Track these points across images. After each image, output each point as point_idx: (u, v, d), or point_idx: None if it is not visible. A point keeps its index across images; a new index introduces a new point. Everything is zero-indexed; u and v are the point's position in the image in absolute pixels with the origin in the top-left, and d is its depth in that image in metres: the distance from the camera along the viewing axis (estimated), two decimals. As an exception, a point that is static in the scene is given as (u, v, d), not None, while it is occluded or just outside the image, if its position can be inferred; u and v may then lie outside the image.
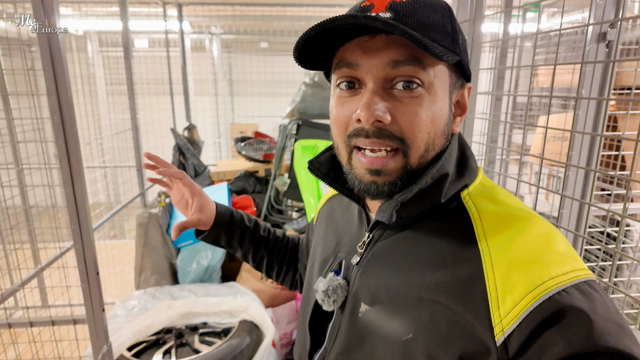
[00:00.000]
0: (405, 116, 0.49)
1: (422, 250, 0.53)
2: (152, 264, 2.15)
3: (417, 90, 0.49)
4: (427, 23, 0.48)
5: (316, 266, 0.70)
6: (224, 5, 3.12)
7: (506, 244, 0.47)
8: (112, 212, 2.15)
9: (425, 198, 0.53)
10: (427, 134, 0.50)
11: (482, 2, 0.89)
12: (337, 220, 0.71)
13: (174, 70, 3.16)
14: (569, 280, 0.43)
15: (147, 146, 3.94)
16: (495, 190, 0.57)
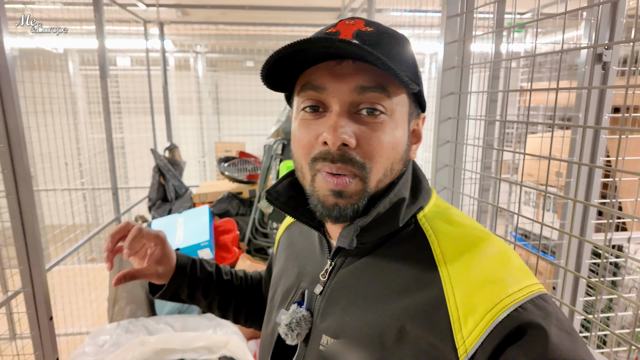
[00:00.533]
0: (369, 141, 0.51)
1: (384, 276, 0.53)
2: (127, 293, 2.02)
3: (380, 116, 0.51)
4: (391, 54, 0.51)
5: (277, 298, 0.68)
6: (208, 25, 3.07)
7: (464, 265, 0.48)
8: (85, 237, 2.03)
9: (384, 223, 0.54)
10: (387, 159, 0.52)
11: (472, 22, 0.84)
12: (298, 249, 0.70)
13: (156, 89, 3.08)
14: (524, 296, 0.45)
15: (129, 167, 3.83)
16: (449, 210, 0.58)
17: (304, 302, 0.61)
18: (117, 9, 2.50)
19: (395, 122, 0.52)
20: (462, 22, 0.85)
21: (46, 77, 2.64)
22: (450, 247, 0.51)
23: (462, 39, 0.84)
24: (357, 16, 0.58)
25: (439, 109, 0.87)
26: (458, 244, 0.51)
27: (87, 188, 2.96)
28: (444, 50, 0.86)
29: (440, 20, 0.86)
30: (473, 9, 0.84)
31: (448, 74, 0.85)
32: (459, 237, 0.52)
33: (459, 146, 0.89)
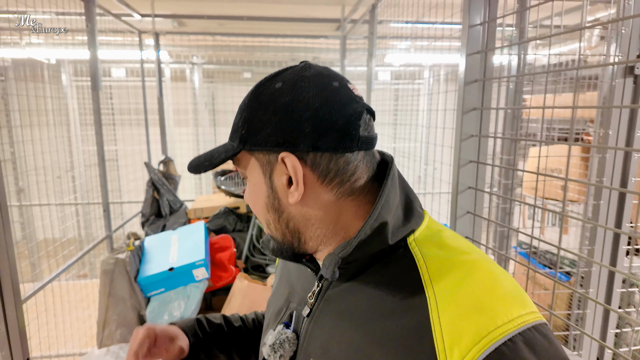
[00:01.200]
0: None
1: (371, 299, 0.53)
2: (117, 316, 1.91)
3: (245, 179, 0.62)
4: (232, 129, 0.61)
5: (270, 318, 0.69)
6: (204, 35, 3.01)
7: (452, 291, 0.47)
8: (74, 258, 1.93)
9: (368, 247, 0.54)
10: (255, 211, 0.62)
11: (494, 32, 0.78)
12: (291, 269, 0.71)
13: (151, 100, 3.00)
14: (515, 328, 0.43)
15: (123, 180, 3.73)
16: (441, 233, 0.57)
17: (292, 324, 0.62)
18: (112, 19, 2.44)
19: (250, 181, 0.60)
20: (485, 33, 0.79)
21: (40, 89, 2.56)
22: (439, 271, 0.50)
23: (485, 49, 0.78)
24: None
25: (460, 125, 0.80)
26: (446, 268, 0.50)
27: (78, 203, 2.86)
28: (466, 62, 0.79)
29: (462, 31, 0.79)
30: (495, 18, 0.77)
31: (470, 88, 0.78)
32: (449, 261, 0.51)
33: (481, 166, 0.82)
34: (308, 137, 0.53)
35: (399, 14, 1.98)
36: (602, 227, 0.78)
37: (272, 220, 0.60)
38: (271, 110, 0.54)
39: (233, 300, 2.05)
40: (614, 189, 0.70)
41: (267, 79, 0.58)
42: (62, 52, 3.41)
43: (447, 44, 2.77)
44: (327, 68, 0.60)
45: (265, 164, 0.57)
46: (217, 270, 2.17)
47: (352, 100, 0.55)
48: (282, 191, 0.57)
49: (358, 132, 0.55)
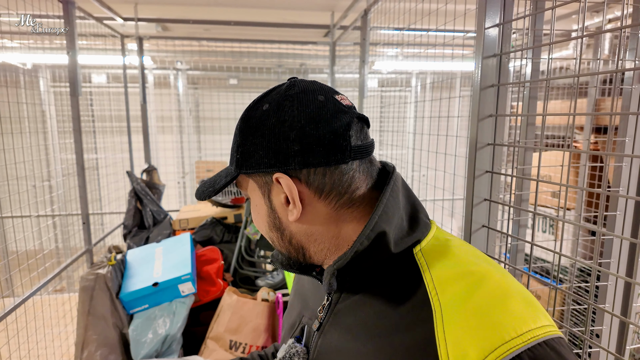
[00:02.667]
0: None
1: (379, 313, 0.53)
2: (97, 335, 1.80)
3: (249, 200, 0.66)
4: (231, 154, 0.62)
5: (285, 333, 0.70)
6: (190, 40, 2.93)
7: (458, 304, 0.46)
8: (50, 275, 1.81)
9: (368, 257, 0.53)
10: (260, 229, 0.64)
11: (510, 35, 0.73)
12: (305, 284, 0.71)
13: (134, 107, 2.90)
14: (523, 344, 0.41)
15: (105, 190, 3.59)
16: (449, 242, 0.56)
17: (303, 338, 0.62)
18: (93, 22, 2.34)
19: (252, 201, 0.62)
20: (500, 35, 0.74)
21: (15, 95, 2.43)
22: (445, 283, 0.49)
23: (500, 53, 0.73)
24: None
25: (475, 133, 0.75)
26: (454, 280, 0.49)
27: (55, 214, 2.72)
28: (482, 65, 0.74)
29: (476, 33, 0.75)
30: (511, 20, 0.73)
31: (486, 94, 0.74)
32: (456, 272, 0.50)
33: (495, 177, 0.77)
34: (297, 155, 0.54)
35: (393, 21, 1.95)
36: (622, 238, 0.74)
37: (275, 238, 0.61)
38: (260, 134, 0.55)
39: (222, 315, 1.96)
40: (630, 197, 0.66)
41: (256, 101, 0.59)
42: (39, 56, 3.27)
43: (447, 51, 2.76)
44: (314, 82, 0.60)
45: (262, 185, 0.59)
46: (204, 285, 2.08)
47: (339, 111, 0.55)
48: (281, 210, 0.58)
49: (349, 143, 0.54)
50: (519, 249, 0.92)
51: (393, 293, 0.53)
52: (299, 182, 0.55)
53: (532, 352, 0.41)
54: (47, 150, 3.70)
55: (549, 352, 0.41)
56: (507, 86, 0.76)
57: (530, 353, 0.40)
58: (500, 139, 0.76)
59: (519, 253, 0.92)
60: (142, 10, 2.68)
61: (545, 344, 0.42)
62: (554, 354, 0.41)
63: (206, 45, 3.11)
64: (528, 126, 0.86)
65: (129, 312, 1.87)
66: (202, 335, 1.96)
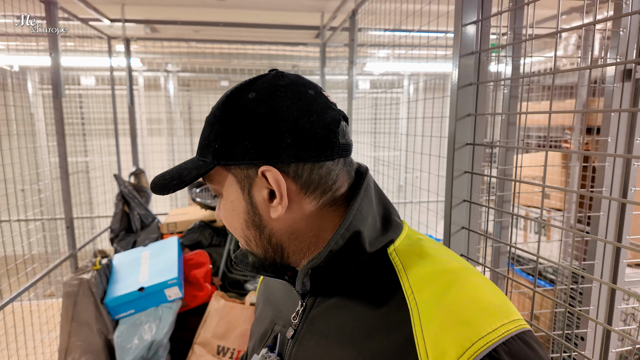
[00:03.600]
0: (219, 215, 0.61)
1: (354, 316, 0.52)
2: (82, 342, 1.76)
3: (218, 197, 0.60)
4: (200, 144, 0.58)
5: (254, 343, 0.66)
6: (179, 42, 2.90)
7: (434, 303, 0.46)
8: (33, 279, 1.77)
9: (343, 257, 0.52)
10: (232, 228, 0.59)
11: (488, 33, 0.71)
12: (275, 292, 0.68)
13: (122, 109, 2.86)
14: (498, 338, 0.42)
15: (94, 193, 3.55)
16: (421, 242, 0.56)
17: (276, 347, 0.60)
18: (79, 24, 2.31)
19: (225, 197, 0.57)
20: (478, 32, 0.73)
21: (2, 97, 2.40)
22: (421, 283, 0.49)
23: (479, 50, 0.71)
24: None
25: (454, 132, 0.73)
26: (428, 278, 0.49)
27: (38, 219, 2.67)
28: (459, 64, 0.73)
29: (454, 30, 0.73)
30: (489, 16, 0.71)
31: (464, 93, 0.72)
32: (430, 272, 0.50)
33: (476, 178, 0.75)
34: (289, 148, 0.51)
35: (379, 22, 1.94)
36: (602, 240, 0.72)
37: (252, 238, 0.57)
38: (247, 123, 0.52)
39: (209, 321, 1.93)
40: (614, 199, 0.64)
41: (238, 89, 0.55)
42: (26, 59, 3.23)
43: (431, 52, 2.76)
44: (300, 76, 0.57)
45: (243, 179, 0.55)
46: (191, 289, 2.05)
47: (328, 107, 0.54)
48: (263, 206, 0.55)
49: (338, 140, 0.53)
50: (502, 251, 0.90)
51: (369, 295, 0.52)
52: (286, 176, 0.52)
53: (507, 345, 0.42)
54: (35, 153, 3.65)
55: (521, 345, 0.43)
56: (487, 85, 0.74)
57: (505, 347, 0.42)
58: (480, 139, 0.75)
59: (502, 255, 0.91)
60: (130, 11, 2.65)
61: (518, 338, 0.43)
62: (526, 346, 0.43)
63: (195, 47, 3.09)
64: (509, 126, 0.84)
65: (114, 318, 1.84)
66: (190, 340, 1.93)
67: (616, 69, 0.72)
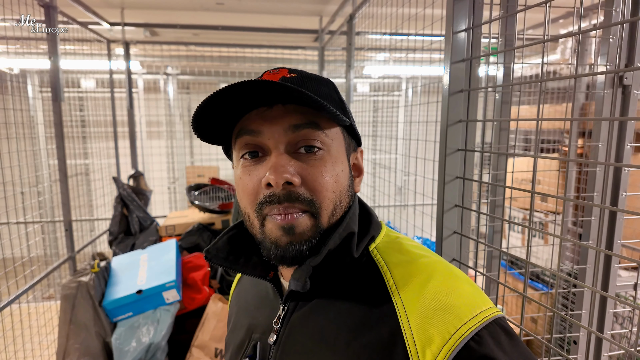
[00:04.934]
0: (313, 177, 0.51)
1: (339, 315, 0.51)
2: (80, 345, 1.76)
3: (319, 153, 0.52)
4: (318, 93, 0.53)
5: (230, 356, 0.64)
6: (178, 45, 2.92)
7: (417, 294, 0.48)
8: (31, 282, 1.78)
9: (336, 259, 0.53)
10: (333, 193, 0.52)
11: (479, 39, 0.73)
12: (249, 300, 0.67)
13: (122, 112, 2.88)
14: (479, 323, 0.44)
15: (93, 196, 3.55)
16: (399, 240, 0.58)
17: (257, 356, 0.58)
18: (78, 27, 2.32)
19: (333, 156, 0.53)
20: (469, 40, 0.74)
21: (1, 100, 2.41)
22: (403, 276, 0.51)
23: (470, 57, 0.72)
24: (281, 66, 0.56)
25: (445, 138, 0.74)
26: (410, 272, 0.51)
27: (37, 221, 2.68)
28: (450, 70, 0.74)
29: (445, 38, 0.74)
30: (480, 24, 0.72)
31: (455, 99, 0.73)
32: (410, 265, 0.52)
33: (467, 182, 0.76)
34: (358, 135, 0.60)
35: (376, 26, 1.95)
36: (593, 248, 0.73)
37: (344, 205, 0.55)
38: (348, 110, 0.60)
39: (207, 323, 1.93)
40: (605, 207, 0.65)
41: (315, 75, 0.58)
42: (26, 62, 3.25)
43: (426, 55, 2.77)
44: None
45: (347, 146, 0.57)
46: (189, 292, 2.05)
47: None
48: (350, 177, 0.58)
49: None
50: (495, 255, 0.91)
51: (353, 293, 0.52)
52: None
53: (488, 329, 0.44)
54: (34, 156, 3.66)
55: (499, 330, 0.45)
56: (477, 91, 0.75)
57: (487, 331, 0.44)
58: (472, 144, 0.76)
59: (494, 259, 0.91)
60: (129, 15, 2.66)
61: (496, 323, 0.45)
62: (502, 331, 0.45)
63: (195, 50, 3.10)
64: (501, 131, 0.85)
65: (112, 320, 1.84)
66: (188, 343, 1.94)
67: (606, 76, 0.73)
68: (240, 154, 0.54)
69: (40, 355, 2.16)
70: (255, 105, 0.52)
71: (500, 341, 0.44)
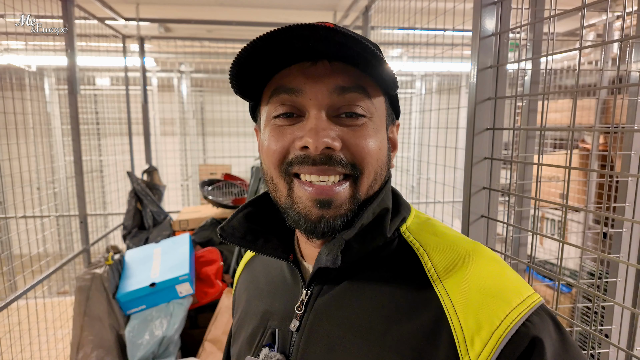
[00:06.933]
0: (355, 142, 0.47)
1: (372, 302, 0.48)
2: (93, 337, 1.77)
3: (361, 119, 0.48)
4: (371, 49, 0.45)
5: (241, 347, 0.58)
6: (192, 41, 2.93)
7: (460, 279, 0.45)
8: (50, 270, 1.79)
9: (368, 236, 0.48)
10: (376, 160, 0.49)
11: (507, 45, 0.69)
12: (262, 285, 0.61)
13: (136, 109, 2.90)
14: (528, 309, 0.43)
15: (106, 190, 3.59)
16: (431, 221, 0.55)
17: (276, 344, 0.53)
18: (95, 23, 2.34)
19: (376, 125, 0.49)
20: (497, 45, 0.70)
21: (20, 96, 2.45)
22: (442, 260, 0.47)
23: (497, 64, 0.69)
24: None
25: (472, 117, 0.71)
26: (449, 256, 0.48)
27: (51, 215, 2.71)
28: (477, 77, 0.70)
29: (472, 42, 0.71)
30: (508, 30, 0.69)
31: (482, 107, 0.70)
32: (449, 249, 0.49)
33: (495, 165, 0.73)
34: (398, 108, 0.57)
35: (391, 20, 1.92)
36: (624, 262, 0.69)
37: (382, 176, 0.52)
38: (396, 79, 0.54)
39: (219, 318, 1.93)
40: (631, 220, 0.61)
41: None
42: (43, 58, 3.29)
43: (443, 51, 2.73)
44: None
45: (387, 116, 0.53)
46: (202, 286, 2.05)
47: None
48: (389, 149, 0.54)
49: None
50: (521, 243, 0.88)
51: (388, 277, 0.49)
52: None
53: (537, 315, 0.43)
54: (50, 152, 3.71)
55: (544, 315, 0.43)
56: (506, 69, 0.72)
57: (536, 316, 0.42)
58: (500, 124, 0.73)
59: (521, 247, 0.88)
60: (144, 10, 2.68)
61: (541, 309, 0.44)
62: (548, 316, 0.44)
63: (208, 46, 3.11)
64: (528, 139, 0.82)
65: (125, 313, 1.85)
66: (200, 337, 1.93)
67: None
68: (275, 114, 0.48)
69: (55, 348, 2.18)
70: (297, 59, 0.47)
71: (549, 328, 0.42)
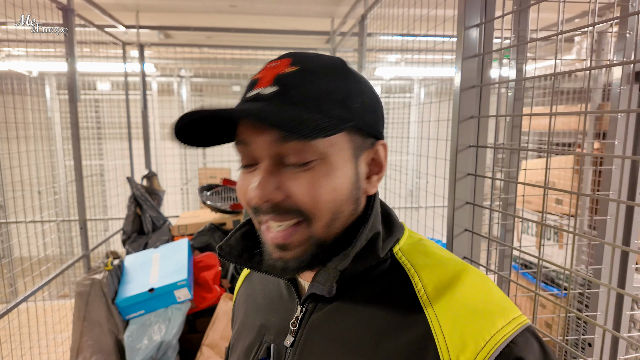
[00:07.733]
0: (299, 190, 0.47)
1: (364, 319, 0.49)
2: (93, 341, 1.79)
3: (310, 163, 0.47)
4: (314, 94, 0.46)
5: (238, 359, 0.59)
6: (191, 47, 2.96)
7: (448, 299, 0.47)
8: (51, 275, 1.81)
9: (360, 260, 0.51)
10: (329, 202, 0.48)
11: (491, 35, 0.72)
12: (259, 299, 0.63)
13: (136, 114, 2.92)
14: (513, 330, 0.44)
15: (108, 196, 3.62)
16: (423, 241, 0.56)
17: (271, 358, 0.55)
18: (95, 30, 2.37)
19: (330, 164, 0.48)
20: (481, 36, 0.73)
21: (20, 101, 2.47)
22: (432, 280, 0.49)
23: (482, 53, 0.72)
24: (289, 53, 0.50)
25: (456, 135, 0.74)
26: (438, 276, 0.49)
27: (52, 220, 2.73)
28: (462, 66, 0.73)
29: (457, 33, 0.74)
30: (493, 19, 0.72)
31: (467, 95, 0.72)
32: (438, 269, 0.50)
33: (479, 180, 0.75)
34: (382, 127, 0.54)
35: (388, 27, 1.95)
36: (610, 244, 0.72)
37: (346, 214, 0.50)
38: (367, 93, 0.51)
39: (217, 322, 1.94)
40: (622, 202, 0.63)
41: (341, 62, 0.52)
42: (44, 64, 3.33)
43: (438, 57, 2.76)
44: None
45: (358, 146, 0.51)
46: (200, 291, 2.07)
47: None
48: (362, 179, 0.52)
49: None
50: (506, 254, 0.90)
51: (379, 295, 0.50)
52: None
53: (523, 336, 0.44)
54: (51, 157, 3.74)
55: (530, 337, 0.44)
56: (489, 88, 0.75)
57: (522, 338, 0.44)
58: (483, 141, 0.75)
59: (506, 258, 0.90)
60: (144, 17, 2.71)
61: (528, 330, 0.45)
62: (534, 338, 0.45)
63: (208, 52, 3.14)
64: (514, 128, 0.84)
65: (124, 318, 1.87)
66: (198, 342, 1.95)
67: (623, 72, 0.72)
68: (241, 163, 0.52)
69: (55, 352, 2.20)
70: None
71: (533, 348, 0.44)
